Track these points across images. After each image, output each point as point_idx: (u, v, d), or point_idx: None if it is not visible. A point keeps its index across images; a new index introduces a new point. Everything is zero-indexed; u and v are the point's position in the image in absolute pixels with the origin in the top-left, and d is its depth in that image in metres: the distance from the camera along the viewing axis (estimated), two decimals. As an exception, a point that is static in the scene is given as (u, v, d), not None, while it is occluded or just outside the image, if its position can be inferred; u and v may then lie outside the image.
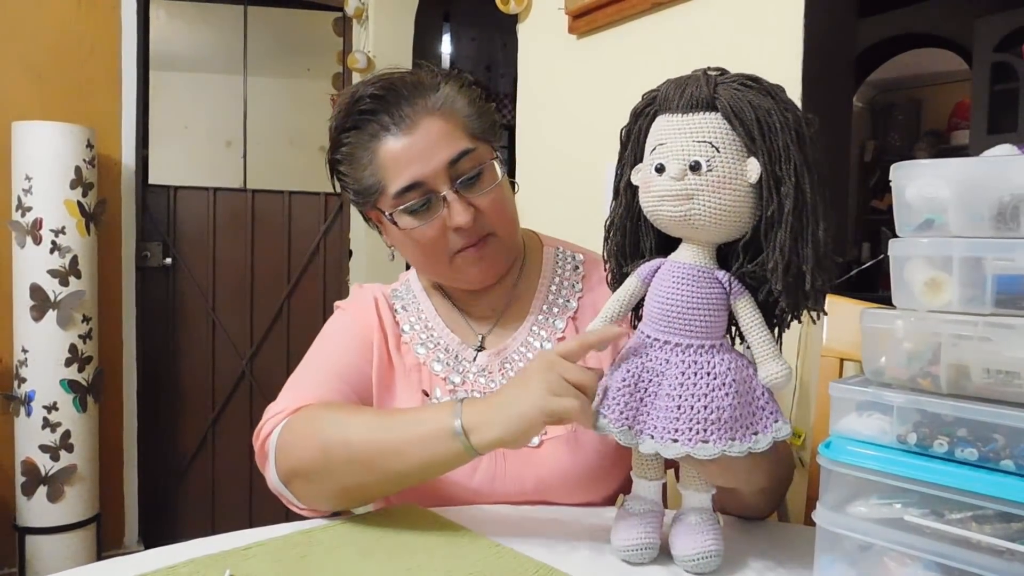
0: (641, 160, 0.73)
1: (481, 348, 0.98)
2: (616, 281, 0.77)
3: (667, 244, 0.74)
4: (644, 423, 0.69)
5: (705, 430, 0.66)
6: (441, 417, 0.75)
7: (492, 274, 0.96)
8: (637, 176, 0.72)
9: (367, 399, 0.95)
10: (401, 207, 0.89)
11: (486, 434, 0.72)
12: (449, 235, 0.90)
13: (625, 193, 0.75)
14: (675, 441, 0.67)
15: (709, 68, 0.70)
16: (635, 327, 0.78)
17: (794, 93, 1.38)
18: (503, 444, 0.73)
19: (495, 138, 0.95)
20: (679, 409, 0.67)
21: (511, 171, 2.10)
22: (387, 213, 0.91)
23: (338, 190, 0.98)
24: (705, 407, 0.66)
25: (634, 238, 0.76)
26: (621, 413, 0.69)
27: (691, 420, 0.66)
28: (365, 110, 0.90)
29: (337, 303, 1.05)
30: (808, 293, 0.67)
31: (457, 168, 0.89)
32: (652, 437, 0.68)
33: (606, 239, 0.78)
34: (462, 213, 0.88)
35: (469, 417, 0.74)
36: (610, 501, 0.86)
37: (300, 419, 0.86)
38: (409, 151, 0.88)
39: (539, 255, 1.04)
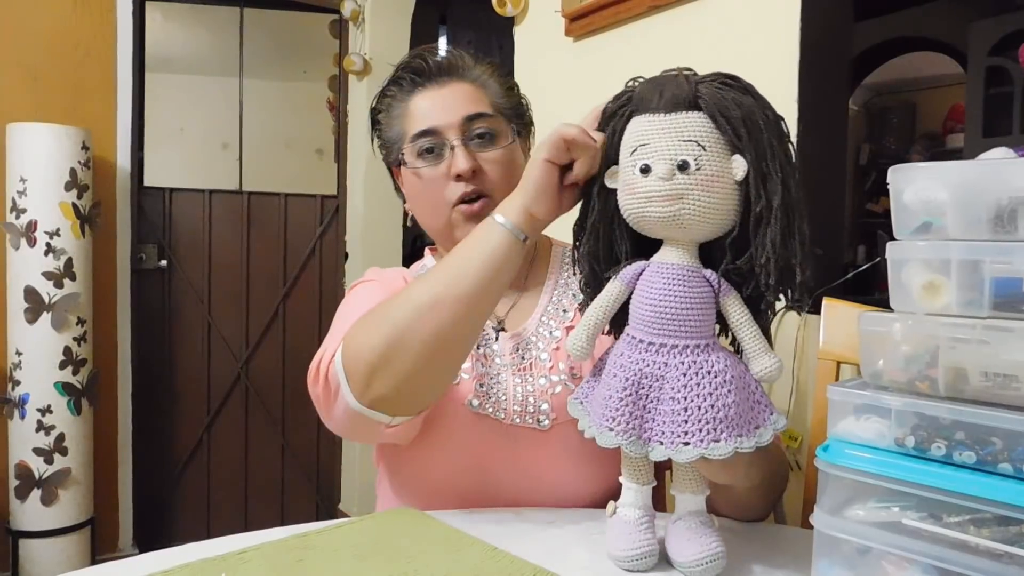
0: (616, 162, 0.72)
1: (502, 329, 1.00)
2: (590, 286, 0.76)
3: (641, 246, 0.73)
4: (651, 430, 0.68)
5: (715, 429, 0.65)
6: (480, 224, 0.80)
7: None
8: (612, 178, 0.72)
9: None
10: (413, 148, 0.98)
11: (513, 205, 0.77)
12: (449, 184, 0.96)
13: (599, 196, 0.74)
14: (687, 444, 0.66)
15: (681, 68, 0.70)
16: (609, 332, 0.78)
17: (790, 96, 1.38)
18: (528, 208, 0.76)
19: (520, 124, 1.05)
20: (686, 411, 0.66)
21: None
22: (403, 156, 1.00)
23: (375, 145, 1.08)
24: (712, 406, 0.66)
25: (608, 241, 0.75)
26: (628, 424, 0.68)
27: (700, 421, 0.66)
28: (412, 68, 1.01)
29: (354, 282, 1.07)
30: (798, 286, 0.68)
31: (471, 125, 0.97)
32: (662, 443, 0.67)
33: (576, 243, 0.77)
34: (463, 160, 0.95)
35: (500, 207, 0.79)
36: (618, 490, 0.85)
37: (357, 322, 0.83)
38: (433, 104, 0.98)
39: (547, 252, 1.08)
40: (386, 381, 0.79)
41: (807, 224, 0.67)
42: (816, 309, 1.12)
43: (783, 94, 1.38)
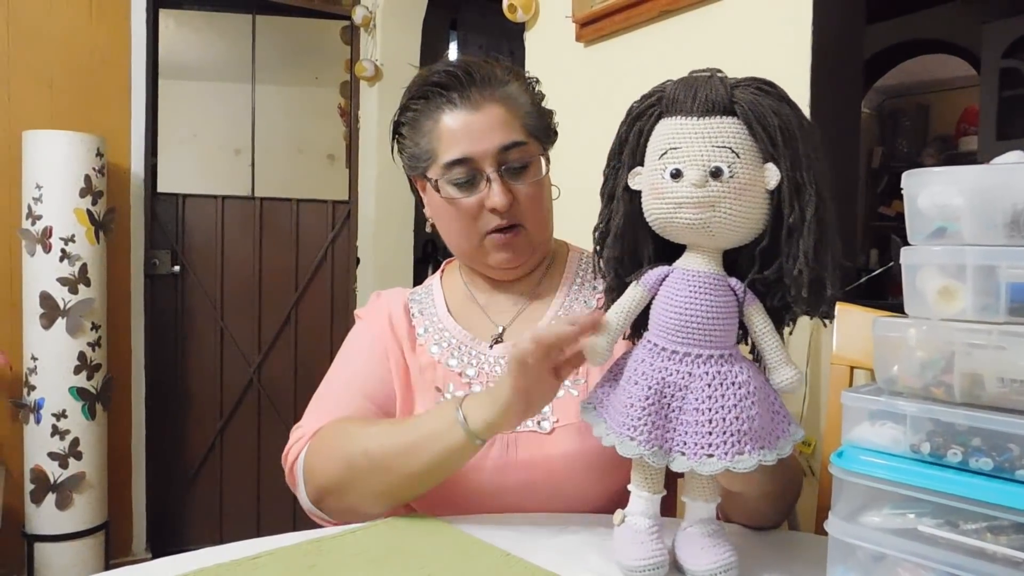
0: (641, 164, 0.70)
1: (499, 340, 1.00)
2: (615, 291, 0.74)
3: (663, 250, 0.72)
4: (673, 440, 0.67)
5: (739, 441, 0.64)
6: (446, 412, 0.81)
7: (515, 265, 0.99)
8: (636, 180, 0.70)
9: (391, 412, 0.98)
10: (447, 177, 0.95)
11: (478, 416, 0.78)
12: (484, 214, 0.95)
13: (622, 199, 0.72)
14: (711, 456, 0.65)
15: (713, 70, 0.68)
16: (629, 337, 0.77)
17: (802, 99, 1.38)
18: (493, 423, 0.77)
19: (548, 141, 1.02)
20: (711, 423, 0.65)
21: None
22: (433, 180, 0.97)
23: (395, 154, 1.05)
24: (737, 418, 0.65)
25: (632, 245, 0.73)
26: (650, 433, 0.66)
27: (725, 433, 0.64)
28: (437, 83, 0.96)
29: (357, 311, 1.09)
30: (827, 298, 0.67)
31: (507, 155, 0.94)
32: (683, 454, 0.66)
33: (599, 248, 0.75)
34: (500, 195, 0.93)
35: (468, 407, 0.79)
36: (618, 495, 0.85)
37: (321, 439, 0.91)
38: (467, 128, 0.94)
39: (564, 258, 1.08)
40: (335, 504, 0.89)
41: (839, 237, 0.66)
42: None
43: (795, 97, 1.36)
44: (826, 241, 0.66)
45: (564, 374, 0.77)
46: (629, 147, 0.71)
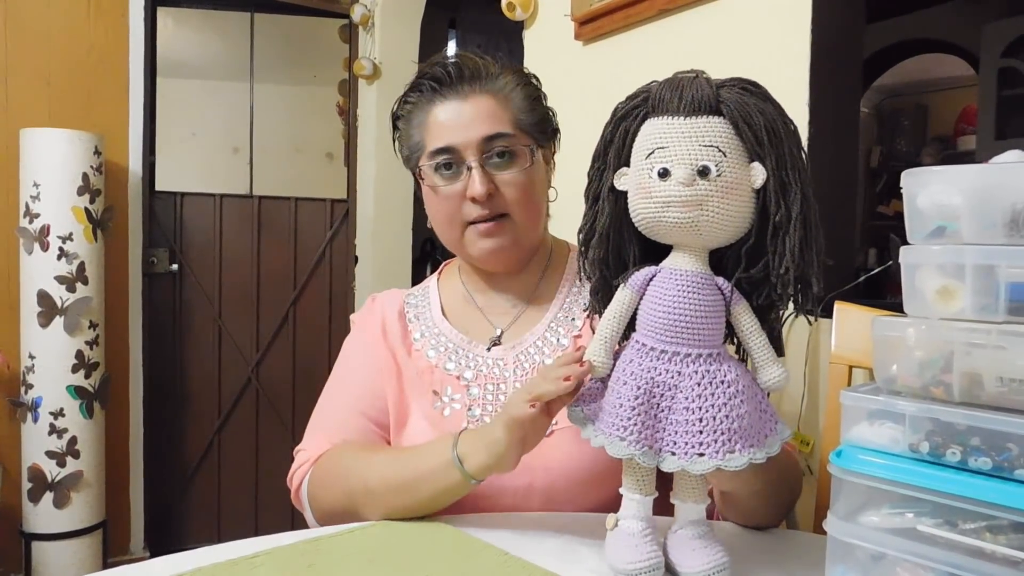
0: (627, 165, 0.70)
1: (497, 343, 1.00)
2: (600, 292, 0.74)
3: (649, 252, 0.72)
4: (663, 440, 0.67)
5: (730, 440, 0.65)
6: (442, 450, 0.82)
7: (500, 256, 0.98)
8: (622, 181, 0.70)
9: (388, 423, 0.99)
10: (430, 164, 0.96)
11: (474, 460, 0.79)
12: (466, 204, 0.95)
13: (608, 199, 0.72)
14: (701, 455, 0.65)
15: (697, 71, 0.69)
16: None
17: (801, 98, 1.38)
18: (490, 467, 0.78)
19: (544, 138, 1.02)
20: (701, 422, 0.65)
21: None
22: (420, 168, 0.98)
23: (398, 151, 1.06)
24: (727, 416, 0.65)
25: (616, 245, 0.73)
26: (640, 433, 0.66)
27: (715, 432, 0.65)
28: (432, 76, 0.97)
29: (352, 317, 1.09)
30: (812, 296, 0.67)
31: (490, 145, 0.94)
32: (674, 454, 0.66)
33: (585, 250, 0.75)
34: (479, 184, 0.93)
35: (462, 447, 0.80)
36: (615, 500, 0.85)
37: (322, 469, 0.94)
38: (453, 119, 0.95)
39: (564, 258, 1.07)
40: (343, 524, 0.89)
41: (822, 235, 0.67)
42: (828, 313, 1.11)
43: (794, 97, 1.37)
44: (811, 239, 0.66)
45: (555, 409, 0.76)
46: (615, 148, 0.71)
